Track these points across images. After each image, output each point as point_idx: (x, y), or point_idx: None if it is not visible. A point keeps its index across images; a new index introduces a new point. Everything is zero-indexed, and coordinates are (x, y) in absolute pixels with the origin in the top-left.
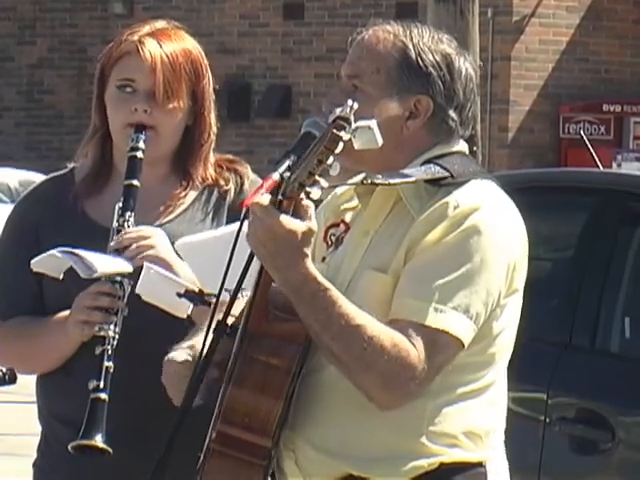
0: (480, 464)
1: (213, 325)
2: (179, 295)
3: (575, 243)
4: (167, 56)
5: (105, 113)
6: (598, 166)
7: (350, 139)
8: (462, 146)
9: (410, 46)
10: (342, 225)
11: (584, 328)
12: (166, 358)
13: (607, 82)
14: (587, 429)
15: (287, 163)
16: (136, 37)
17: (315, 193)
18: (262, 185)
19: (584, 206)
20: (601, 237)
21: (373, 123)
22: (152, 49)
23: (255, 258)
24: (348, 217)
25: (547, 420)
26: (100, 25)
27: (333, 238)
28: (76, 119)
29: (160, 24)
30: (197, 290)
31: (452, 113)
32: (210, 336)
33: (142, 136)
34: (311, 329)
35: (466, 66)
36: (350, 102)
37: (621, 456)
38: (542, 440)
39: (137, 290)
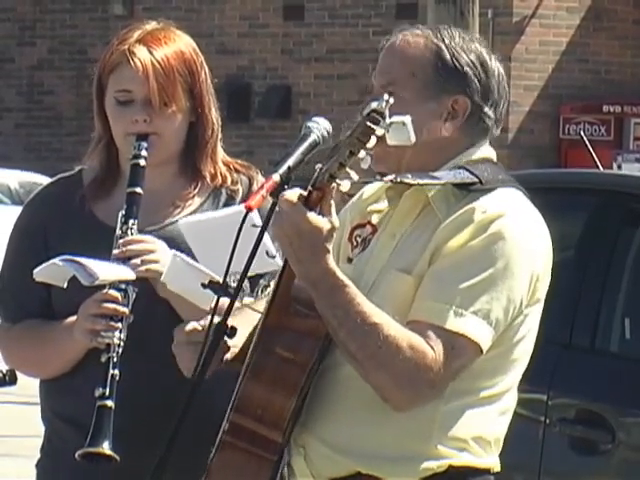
0: (488, 471)
1: (214, 326)
2: (203, 286)
3: (575, 244)
4: (158, 62)
5: (107, 120)
6: (598, 167)
7: (383, 134)
8: (491, 154)
9: (443, 47)
10: (368, 226)
11: (584, 328)
12: (177, 328)
13: (607, 83)
14: (587, 430)
15: (287, 164)
16: (126, 46)
17: (345, 185)
18: (262, 186)
19: (584, 207)
20: (601, 238)
21: (407, 119)
22: (142, 57)
23: (259, 249)
24: (375, 219)
25: (547, 421)
26: (100, 26)
27: (359, 239)
28: (76, 120)
29: (150, 26)
30: (221, 282)
31: (489, 111)
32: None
33: (144, 144)
34: (329, 325)
35: (497, 64)
36: (386, 96)
37: (621, 457)
38: (542, 441)
39: (163, 278)
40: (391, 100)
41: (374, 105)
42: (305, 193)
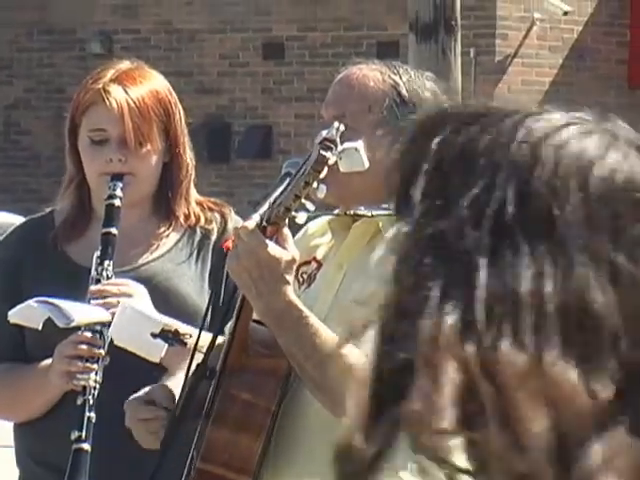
0: None
1: (193, 367)
2: (154, 335)
3: None
4: (134, 101)
5: (80, 161)
6: None
7: (336, 162)
8: None
9: (400, 83)
10: (313, 262)
11: None
12: (125, 403)
13: None
14: None
15: (267, 205)
16: (100, 85)
17: (301, 217)
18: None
19: None
20: None
21: (360, 145)
22: (117, 97)
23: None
24: (319, 254)
25: None
26: (78, 65)
27: (305, 276)
28: (54, 160)
29: (125, 65)
30: (173, 330)
31: None
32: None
33: (119, 184)
34: (294, 359)
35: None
36: (336, 124)
37: None
38: None
39: (110, 331)
40: (342, 127)
41: (324, 134)
42: (260, 227)
